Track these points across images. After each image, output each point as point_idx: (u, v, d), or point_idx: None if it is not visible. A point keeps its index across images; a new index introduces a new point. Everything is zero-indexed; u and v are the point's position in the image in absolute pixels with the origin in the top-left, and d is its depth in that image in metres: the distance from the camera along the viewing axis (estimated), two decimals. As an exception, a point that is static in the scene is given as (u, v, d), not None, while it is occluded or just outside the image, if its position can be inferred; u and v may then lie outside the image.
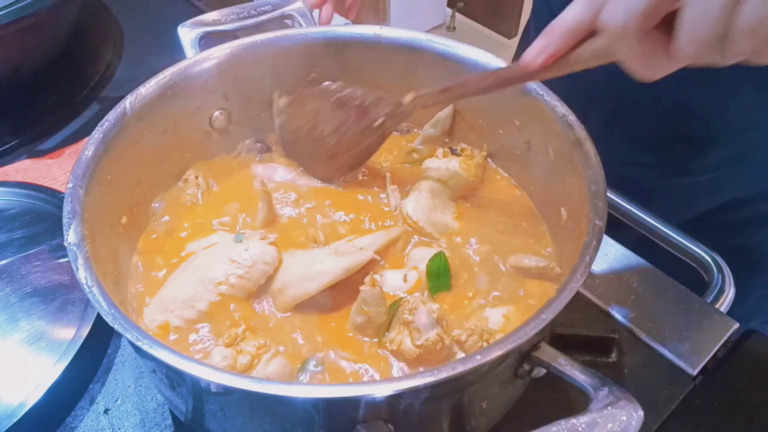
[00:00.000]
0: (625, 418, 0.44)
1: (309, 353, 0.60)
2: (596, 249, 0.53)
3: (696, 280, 0.78)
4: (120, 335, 0.60)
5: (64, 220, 0.55)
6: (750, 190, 0.91)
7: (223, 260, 0.63)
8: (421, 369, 0.57)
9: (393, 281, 0.66)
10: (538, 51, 0.54)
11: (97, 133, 0.62)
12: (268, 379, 0.56)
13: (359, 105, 0.70)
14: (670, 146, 0.90)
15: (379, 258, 0.66)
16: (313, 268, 0.63)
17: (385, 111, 0.69)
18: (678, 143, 0.89)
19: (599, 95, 0.86)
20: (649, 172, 0.93)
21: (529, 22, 1.11)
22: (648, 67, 0.49)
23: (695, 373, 0.68)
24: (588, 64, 0.52)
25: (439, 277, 0.65)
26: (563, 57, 0.53)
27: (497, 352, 0.46)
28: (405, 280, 0.66)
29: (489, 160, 0.78)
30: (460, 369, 0.45)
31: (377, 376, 0.59)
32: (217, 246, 0.66)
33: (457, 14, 3.14)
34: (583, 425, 0.44)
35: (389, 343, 0.59)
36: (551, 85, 0.65)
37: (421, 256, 0.67)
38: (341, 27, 0.77)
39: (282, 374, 0.57)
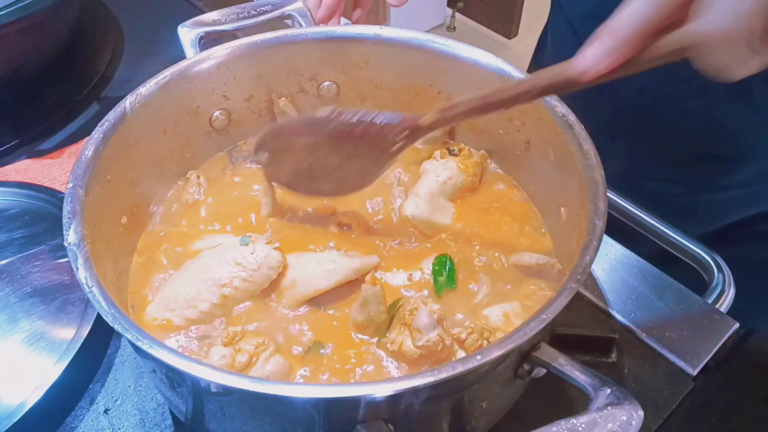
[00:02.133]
0: (625, 418, 0.44)
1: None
2: (596, 249, 0.53)
3: (696, 280, 0.78)
4: (120, 335, 0.60)
5: (64, 220, 0.55)
6: None
7: (228, 262, 0.63)
8: (423, 368, 0.57)
9: (397, 281, 0.66)
10: (602, 55, 0.44)
11: (97, 133, 0.62)
12: (267, 378, 0.56)
13: (366, 132, 0.61)
14: (698, 163, 0.88)
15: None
16: (324, 267, 0.64)
17: (402, 135, 0.60)
18: (706, 161, 0.87)
19: (626, 112, 0.86)
20: (675, 187, 0.92)
21: (545, 30, 1.09)
22: (737, 66, 0.41)
23: (695, 373, 0.68)
24: (655, 64, 0.44)
25: (444, 277, 0.66)
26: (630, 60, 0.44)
27: (497, 352, 0.46)
28: (410, 280, 0.66)
29: (489, 160, 0.78)
30: (460, 369, 0.45)
31: (377, 376, 0.59)
32: (222, 247, 0.66)
33: (457, 14, 3.14)
34: (583, 425, 0.44)
35: (390, 344, 0.59)
36: (571, 103, 0.64)
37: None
38: (341, 27, 0.77)
39: (280, 372, 0.57)
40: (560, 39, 0.98)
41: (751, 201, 0.90)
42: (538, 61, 1.11)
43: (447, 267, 0.66)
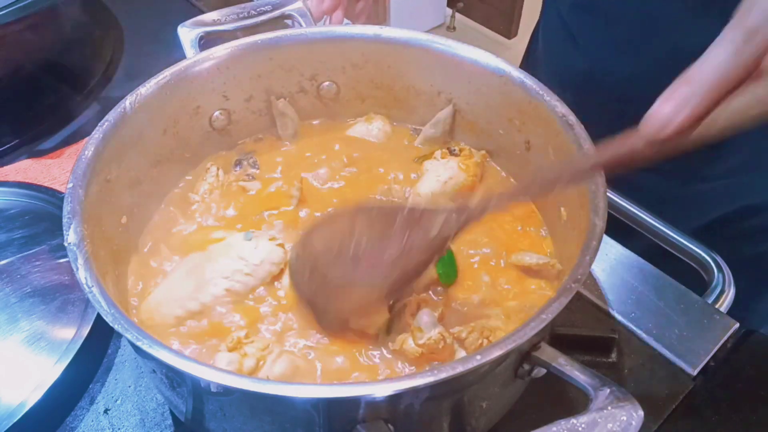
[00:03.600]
0: (625, 418, 0.44)
1: (308, 351, 0.60)
2: (596, 249, 0.53)
3: (696, 280, 0.78)
4: (120, 335, 0.60)
5: (64, 220, 0.55)
6: (765, 196, 0.90)
7: (231, 257, 0.63)
8: (424, 367, 0.57)
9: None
10: (676, 108, 0.39)
11: (97, 133, 0.62)
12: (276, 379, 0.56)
13: (409, 215, 0.54)
14: (684, 152, 0.89)
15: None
16: None
17: (442, 217, 0.53)
18: (691, 150, 0.88)
19: (611, 102, 0.86)
20: (661, 179, 0.92)
21: (536, 30, 1.09)
22: None
23: (695, 373, 0.68)
24: (729, 128, 0.41)
25: (444, 263, 0.65)
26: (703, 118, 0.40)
27: (497, 352, 0.46)
28: None
29: (489, 160, 0.78)
30: (460, 369, 0.45)
31: (378, 375, 0.59)
32: (226, 242, 0.66)
33: (457, 14, 3.14)
34: (583, 425, 0.44)
35: (391, 343, 0.59)
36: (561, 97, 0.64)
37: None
38: (341, 27, 0.77)
39: (288, 374, 0.57)
40: (551, 34, 0.98)
41: (735, 192, 0.90)
42: (530, 58, 1.11)
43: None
